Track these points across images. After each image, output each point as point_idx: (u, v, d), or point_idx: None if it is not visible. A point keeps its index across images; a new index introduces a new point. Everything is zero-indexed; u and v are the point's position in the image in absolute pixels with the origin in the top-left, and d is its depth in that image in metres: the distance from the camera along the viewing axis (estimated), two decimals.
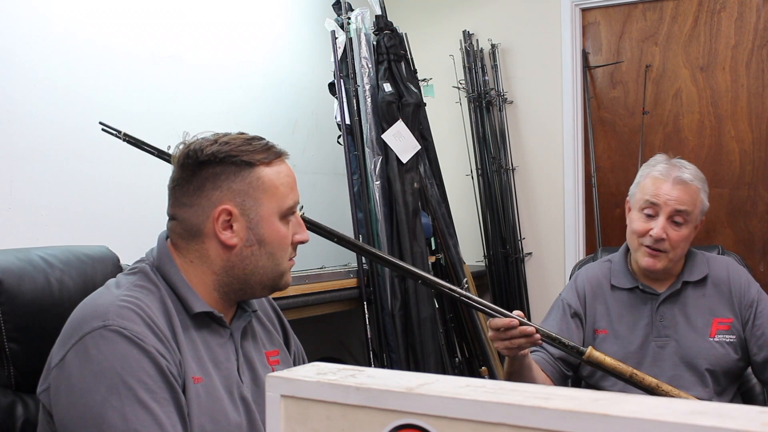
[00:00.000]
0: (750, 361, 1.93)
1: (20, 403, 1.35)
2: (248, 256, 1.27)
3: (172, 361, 1.17)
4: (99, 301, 1.19)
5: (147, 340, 1.14)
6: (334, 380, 0.63)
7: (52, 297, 1.39)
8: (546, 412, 0.53)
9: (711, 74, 3.42)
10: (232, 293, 1.30)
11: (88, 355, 1.12)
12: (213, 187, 1.24)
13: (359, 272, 2.95)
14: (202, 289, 1.27)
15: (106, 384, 1.10)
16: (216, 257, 1.27)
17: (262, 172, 1.26)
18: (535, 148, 3.67)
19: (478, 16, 3.74)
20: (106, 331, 1.13)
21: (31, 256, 1.42)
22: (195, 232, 1.26)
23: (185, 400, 1.18)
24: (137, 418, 1.09)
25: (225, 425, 1.23)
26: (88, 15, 2.41)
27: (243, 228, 1.25)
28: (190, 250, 1.27)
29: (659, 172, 1.91)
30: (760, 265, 3.33)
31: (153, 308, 1.20)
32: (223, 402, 1.24)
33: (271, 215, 1.27)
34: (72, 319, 1.19)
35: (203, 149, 1.25)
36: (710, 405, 0.53)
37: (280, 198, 1.28)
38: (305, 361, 1.50)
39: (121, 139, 1.73)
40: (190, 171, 1.26)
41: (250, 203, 1.25)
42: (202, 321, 1.27)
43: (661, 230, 1.86)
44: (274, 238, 1.28)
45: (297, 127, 3.34)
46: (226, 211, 1.24)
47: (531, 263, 3.67)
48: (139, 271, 1.27)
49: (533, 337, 1.66)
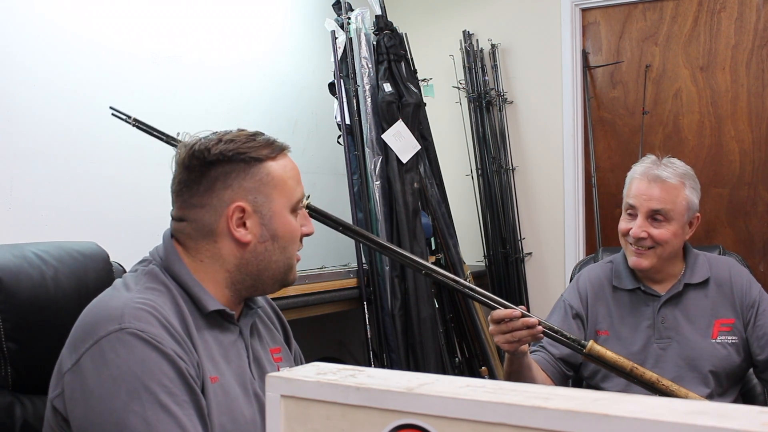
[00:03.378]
0: (752, 361, 1.93)
1: (18, 404, 1.34)
2: (262, 252, 1.27)
3: (190, 362, 1.16)
4: (112, 304, 1.18)
5: (165, 342, 1.13)
6: (334, 380, 0.63)
7: (48, 294, 1.37)
8: (546, 412, 0.53)
9: (711, 74, 3.41)
10: (243, 290, 1.30)
11: (106, 359, 1.11)
12: (224, 186, 1.25)
13: (359, 272, 2.95)
14: (214, 287, 1.27)
15: (126, 388, 1.09)
16: (230, 255, 1.27)
17: (270, 167, 1.27)
18: (535, 148, 3.67)
19: (478, 16, 3.74)
20: (123, 334, 1.12)
21: (25, 253, 1.39)
22: (207, 232, 1.26)
23: (205, 401, 1.17)
24: (159, 421, 1.08)
25: (243, 423, 1.23)
26: (88, 15, 2.41)
27: (257, 224, 1.26)
28: (200, 250, 1.27)
29: (639, 172, 1.93)
30: (760, 265, 3.33)
31: (167, 309, 1.19)
32: (239, 399, 1.24)
33: (283, 209, 1.28)
34: (83, 321, 1.18)
35: (209, 149, 1.25)
36: (710, 405, 0.53)
37: (290, 192, 1.29)
38: (303, 360, 1.51)
39: (131, 124, 1.74)
40: (197, 172, 1.25)
41: (262, 199, 1.26)
42: (214, 320, 1.27)
43: (638, 229, 1.87)
44: (286, 232, 1.29)
45: (297, 127, 3.34)
46: (240, 209, 1.25)
47: (531, 263, 3.67)
48: (147, 272, 1.26)
49: (535, 330, 1.65)
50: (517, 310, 1.65)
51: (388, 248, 1.80)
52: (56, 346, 1.21)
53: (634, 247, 1.90)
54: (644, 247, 1.89)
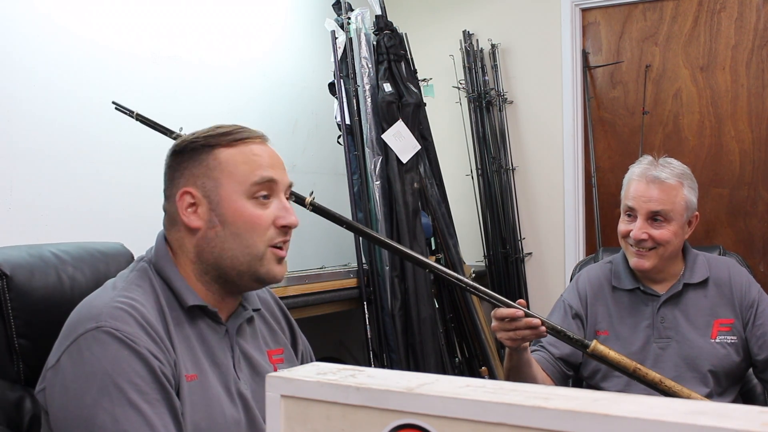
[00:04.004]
0: (751, 361, 1.93)
1: (28, 398, 1.35)
2: (213, 238, 1.26)
3: (165, 361, 1.17)
4: (94, 303, 1.20)
5: (139, 341, 1.14)
6: (334, 380, 0.63)
7: (63, 293, 1.39)
8: (546, 412, 0.53)
9: (711, 74, 3.42)
10: (214, 282, 1.28)
11: (81, 356, 1.13)
12: (179, 174, 1.28)
13: (359, 272, 2.95)
14: (193, 282, 1.28)
15: (98, 385, 1.10)
16: (188, 244, 1.27)
17: (220, 153, 1.27)
18: (535, 148, 3.67)
19: (478, 16, 3.74)
20: (99, 332, 1.13)
21: (42, 252, 1.42)
22: (172, 221, 1.29)
23: (179, 400, 1.17)
24: (128, 419, 1.09)
25: (222, 422, 1.22)
26: (89, 15, 2.41)
27: (206, 210, 1.26)
28: (172, 241, 1.30)
29: (636, 174, 1.92)
30: (760, 265, 3.33)
31: (148, 307, 1.20)
32: (220, 399, 1.24)
33: (233, 194, 1.26)
34: (69, 320, 1.20)
35: (180, 143, 1.30)
36: (710, 405, 0.53)
37: (242, 177, 1.26)
38: (313, 360, 1.50)
39: (134, 119, 1.76)
40: (167, 163, 1.31)
41: (211, 184, 1.26)
42: (197, 316, 1.27)
43: (639, 231, 1.88)
44: (237, 218, 1.25)
45: (297, 127, 3.34)
46: (188, 194, 1.26)
47: (531, 263, 3.68)
48: (137, 270, 1.28)
49: (538, 330, 1.66)
50: (521, 310, 1.65)
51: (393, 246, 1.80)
52: None
53: (635, 249, 1.90)
54: (645, 248, 1.89)
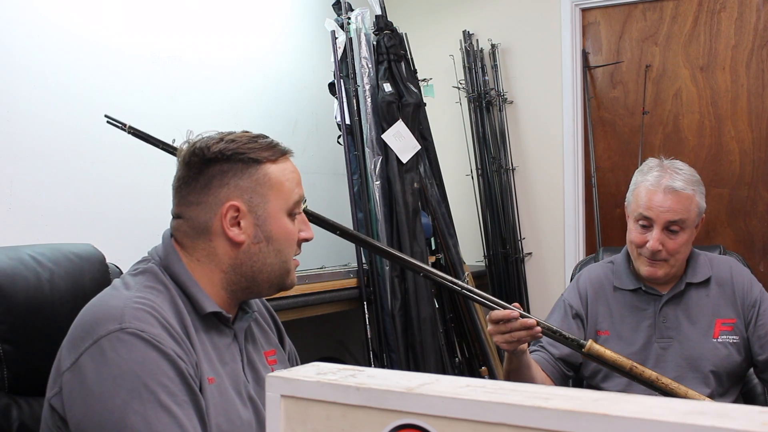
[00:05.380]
0: (752, 361, 1.93)
1: (15, 406, 1.33)
2: (256, 253, 1.27)
3: (189, 362, 1.16)
4: (112, 303, 1.18)
5: (165, 342, 1.14)
6: (334, 380, 0.63)
7: (44, 296, 1.37)
8: (546, 412, 0.53)
9: (711, 74, 3.41)
10: (239, 292, 1.30)
11: (106, 358, 1.11)
12: (220, 184, 1.25)
13: (359, 272, 2.95)
14: (211, 288, 1.27)
15: (127, 388, 1.09)
16: (224, 255, 1.26)
17: (268, 169, 1.27)
18: (535, 148, 3.67)
19: (478, 16, 3.74)
20: (123, 333, 1.12)
21: (21, 255, 1.39)
22: (202, 230, 1.26)
23: (203, 401, 1.17)
24: (160, 421, 1.08)
25: (239, 424, 1.23)
26: (89, 15, 2.41)
27: (251, 225, 1.26)
28: (197, 249, 1.27)
29: (650, 182, 1.89)
30: (761, 265, 3.33)
31: (165, 309, 1.19)
32: (234, 401, 1.24)
33: (279, 212, 1.28)
34: (82, 321, 1.18)
35: (210, 147, 1.25)
36: (710, 405, 0.53)
37: (287, 194, 1.28)
38: (298, 360, 1.51)
39: (126, 132, 1.73)
40: (196, 169, 1.26)
41: (258, 200, 1.26)
42: (210, 322, 1.27)
43: (656, 242, 1.86)
44: (281, 235, 1.28)
45: (297, 127, 3.34)
46: (234, 208, 1.25)
47: (531, 263, 3.67)
48: (146, 271, 1.26)
49: (533, 330, 1.65)
50: (516, 312, 1.65)
51: (385, 251, 1.80)
52: (52, 347, 1.21)
53: (649, 259, 1.90)
54: (659, 258, 1.89)
